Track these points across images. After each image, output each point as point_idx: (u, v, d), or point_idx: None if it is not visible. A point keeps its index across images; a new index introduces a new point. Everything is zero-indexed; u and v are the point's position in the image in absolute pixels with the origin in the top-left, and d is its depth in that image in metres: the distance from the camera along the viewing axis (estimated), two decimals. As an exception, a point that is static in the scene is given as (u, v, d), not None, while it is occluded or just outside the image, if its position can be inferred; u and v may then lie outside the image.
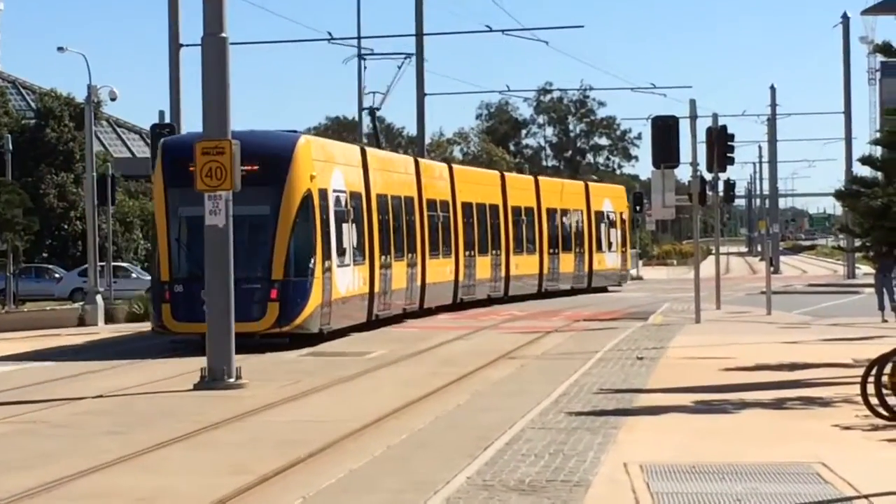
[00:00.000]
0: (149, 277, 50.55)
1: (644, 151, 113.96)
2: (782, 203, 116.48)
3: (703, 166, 40.14)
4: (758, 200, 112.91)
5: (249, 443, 18.41)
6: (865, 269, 69.53)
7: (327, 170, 33.93)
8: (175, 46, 46.60)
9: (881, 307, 36.55)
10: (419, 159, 47.12)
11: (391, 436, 18.56)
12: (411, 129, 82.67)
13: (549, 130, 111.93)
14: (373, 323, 36.98)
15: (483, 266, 49.10)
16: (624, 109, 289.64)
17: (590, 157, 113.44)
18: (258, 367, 27.77)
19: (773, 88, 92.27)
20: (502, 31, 55.88)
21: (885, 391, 17.90)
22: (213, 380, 24.81)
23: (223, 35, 25.40)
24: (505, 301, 51.21)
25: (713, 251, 57.73)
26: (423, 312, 42.28)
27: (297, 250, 31.43)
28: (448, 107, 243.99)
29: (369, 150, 40.53)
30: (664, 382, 24.01)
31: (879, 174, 24.69)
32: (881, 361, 18.26)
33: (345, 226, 34.50)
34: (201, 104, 25.70)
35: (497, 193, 51.79)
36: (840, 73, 76.94)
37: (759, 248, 73.58)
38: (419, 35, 60.92)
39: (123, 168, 70.06)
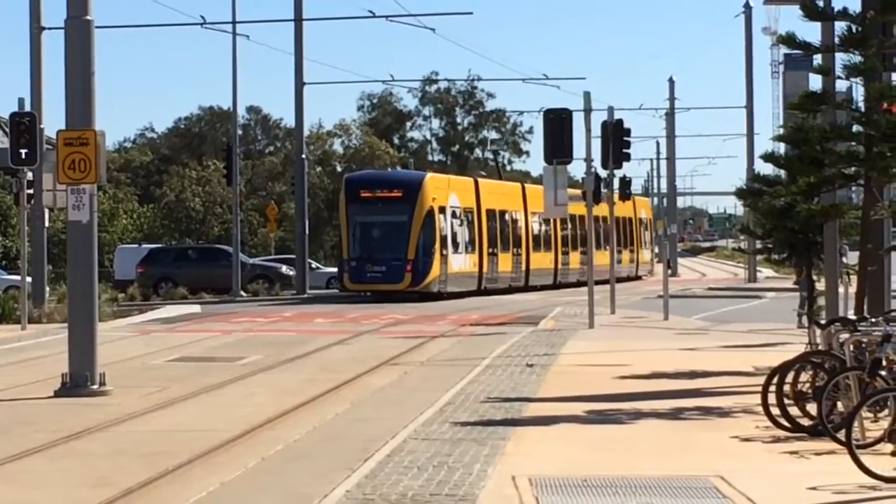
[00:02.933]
0: (12, 278, 50.17)
1: (536, 146, 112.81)
2: (681, 202, 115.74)
3: (597, 162, 39.95)
4: (655, 199, 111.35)
5: (113, 454, 17.84)
6: (767, 273, 69.34)
7: (445, 194, 55.40)
8: (36, 29, 45.82)
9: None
10: (525, 185, 69.87)
11: (265, 446, 18.11)
12: (289, 121, 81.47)
13: (436, 123, 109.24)
14: (482, 291, 56.62)
15: (542, 258, 64.97)
16: (515, 101, 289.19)
17: (478, 151, 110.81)
18: (123, 372, 27.05)
19: (671, 81, 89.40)
20: (386, 16, 55.99)
21: (786, 401, 17.50)
22: (75, 386, 24.09)
23: (88, 18, 24.60)
24: (525, 290, 61.68)
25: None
26: (527, 289, 61.17)
27: (423, 242, 52.38)
28: (328, 97, 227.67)
29: (481, 180, 64.48)
30: (555, 391, 23.49)
31: (782, 172, 24.14)
32: (783, 370, 17.99)
33: (458, 228, 55.62)
34: (64, 92, 25.00)
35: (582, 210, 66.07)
36: (742, 66, 74.25)
37: (657, 250, 72.50)
38: (298, 21, 60.15)
39: None
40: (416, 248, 52.36)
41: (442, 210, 54.58)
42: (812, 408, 17.36)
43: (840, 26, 22.67)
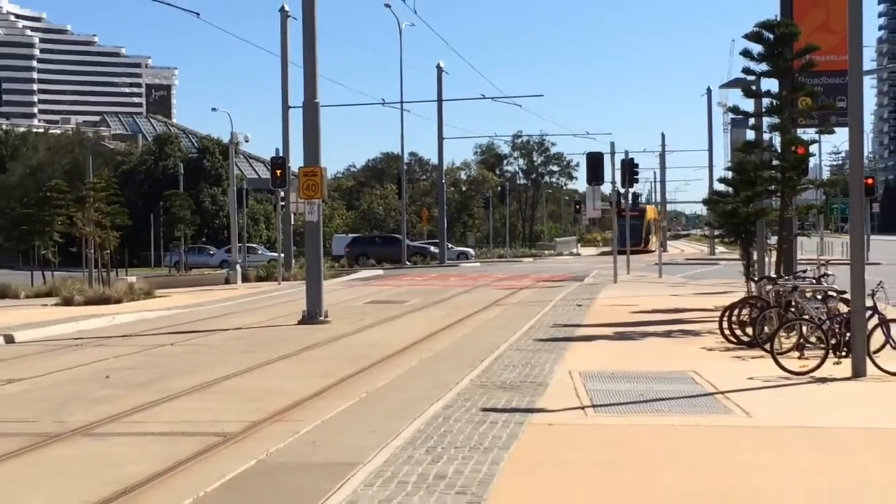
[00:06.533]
0: (271, 254, 66.72)
1: (581, 174, 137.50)
2: (669, 207, 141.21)
3: (618, 184, 47.42)
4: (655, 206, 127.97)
5: (331, 358, 19.73)
6: (721, 249, 79.85)
7: (654, 213, 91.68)
8: (285, 107, 56.82)
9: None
10: (649, 207, 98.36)
11: (422, 353, 20.16)
12: (434, 160, 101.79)
13: (521, 161, 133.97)
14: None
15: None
16: (569, 147, 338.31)
17: (547, 178, 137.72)
18: (337, 310, 29.93)
19: (663, 135, 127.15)
20: (493, 97, 76.52)
21: (734, 326, 19.83)
22: (309, 318, 27.72)
23: (316, 101, 28.57)
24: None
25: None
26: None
27: (645, 232, 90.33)
28: (457, 146, 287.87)
29: (651, 206, 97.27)
30: (594, 320, 25.84)
31: (730, 189, 26.90)
32: (731, 307, 20.34)
33: (656, 228, 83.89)
34: (302, 144, 29.39)
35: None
36: (705, 124, 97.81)
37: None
38: (439, 101, 77.53)
39: (252, 185, 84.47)
40: (642, 236, 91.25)
41: (654, 221, 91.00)
42: (749, 331, 19.50)
43: (765, 101, 25.10)
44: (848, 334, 16.25)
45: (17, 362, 20.19)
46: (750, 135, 27.04)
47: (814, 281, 19.32)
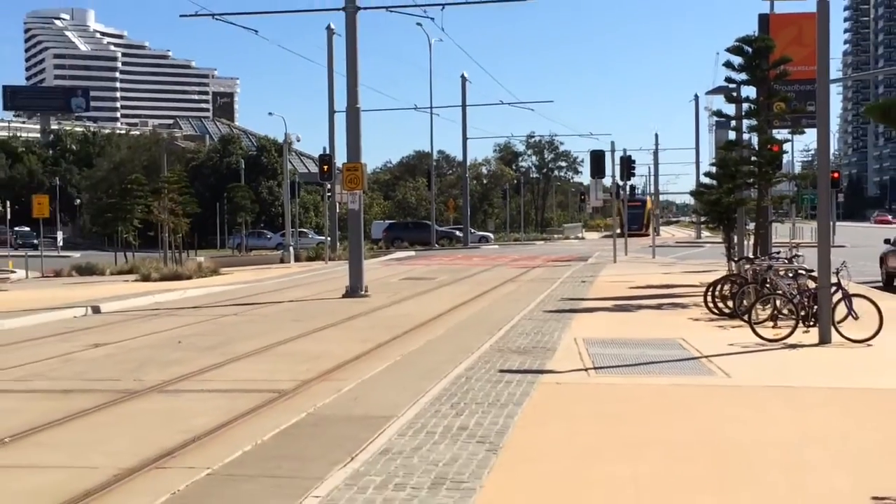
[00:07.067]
0: (319, 238, 67.13)
1: (585, 169, 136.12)
2: (661, 198, 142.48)
3: (618, 177, 47.36)
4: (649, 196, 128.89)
5: (371, 326, 19.73)
6: (707, 234, 77.86)
7: (651, 203, 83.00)
8: (331, 112, 56.43)
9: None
10: (648, 200, 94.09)
11: (447, 322, 20.22)
12: (459, 157, 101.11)
13: (534, 158, 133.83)
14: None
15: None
16: (575, 146, 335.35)
17: (556, 172, 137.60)
18: (375, 285, 29.91)
19: (656, 135, 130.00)
20: (509, 103, 72.82)
21: (717, 300, 19.92)
22: (352, 292, 27.82)
23: (357, 106, 28.42)
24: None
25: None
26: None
27: (646, 219, 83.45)
28: (479, 144, 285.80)
29: (649, 197, 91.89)
30: (596, 294, 25.77)
31: (714, 181, 26.53)
32: (715, 283, 20.46)
33: (651, 216, 75.41)
34: (345, 143, 29.30)
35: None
36: (693, 126, 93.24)
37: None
38: (463, 106, 78.05)
39: (303, 178, 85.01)
40: (643, 221, 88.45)
41: (652, 211, 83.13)
42: (730, 304, 19.53)
43: (745, 106, 24.91)
44: (815, 307, 16.24)
45: (103, 329, 20.36)
46: (731, 135, 26.87)
47: (786, 261, 19.21)
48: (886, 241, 31.10)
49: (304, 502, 7.20)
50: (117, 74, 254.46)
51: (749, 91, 25.37)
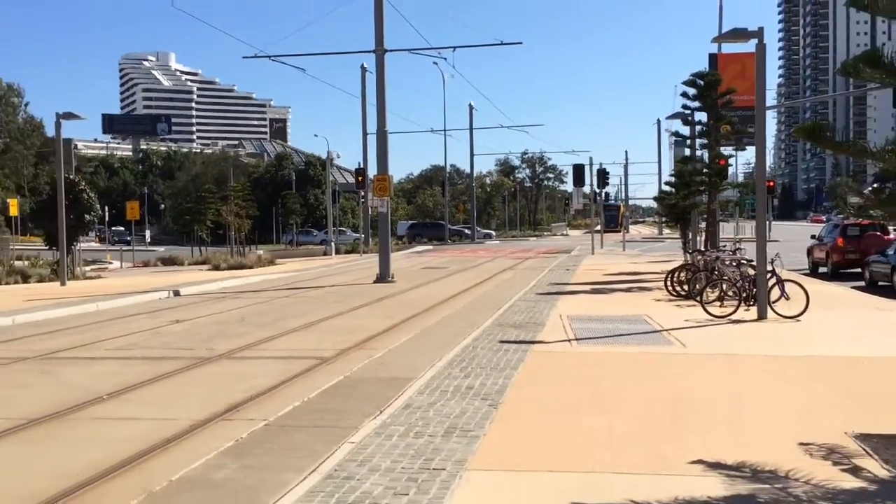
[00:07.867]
0: (355, 235, 67.03)
1: (570, 179, 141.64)
2: (630, 202, 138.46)
3: (595, 186, 47.35)
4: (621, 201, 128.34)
5: (396, 306, 19.60)
6: (667, 231, 77.15)
7: (623, 208, 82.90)
8: (364, 133, 53.76)
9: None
10: (621, 207, 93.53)
11: (457, 303, 20.08)
12: (467, 169, 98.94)
13: (527, 171, 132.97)
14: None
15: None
16: (560, 161, 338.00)
17: (546, 182, 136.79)
18: (399, 273, 29.49)
19: (626, 151, 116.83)
20: (507, 126, 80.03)
21: (675, 284, 19.88)
22: (381, 278, 27.60)
23: (385, 129, 28.16)
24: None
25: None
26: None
27: (620, 219, 79.71)
28: (483, 159, 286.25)
29: (621, 203, 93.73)
30: (578, 280, 25.61)
31: (673, 189, 26.57)
32: (673, 270, 20.52)
33: (625, 217, 76.71)
34: (376, 159, 28.75)
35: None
36: (656, 144, 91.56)
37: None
38: (471, 129, 76.29)
39: (342, 188, 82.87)
40: (619, 219, 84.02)
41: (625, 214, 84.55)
42: (686, 287, 19.47)
43: (698, 128, 25.08)
44: (755, 290, 16.11)
45: (182, 309, 20.26)
46: (687, 151, 26.82)
47: (731, 253, 19.06)
48: (812, 237, 30.91)
49: (342, 447, 7.18)
50: (193, 104, 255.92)
51: (701, 116, 25.49)
